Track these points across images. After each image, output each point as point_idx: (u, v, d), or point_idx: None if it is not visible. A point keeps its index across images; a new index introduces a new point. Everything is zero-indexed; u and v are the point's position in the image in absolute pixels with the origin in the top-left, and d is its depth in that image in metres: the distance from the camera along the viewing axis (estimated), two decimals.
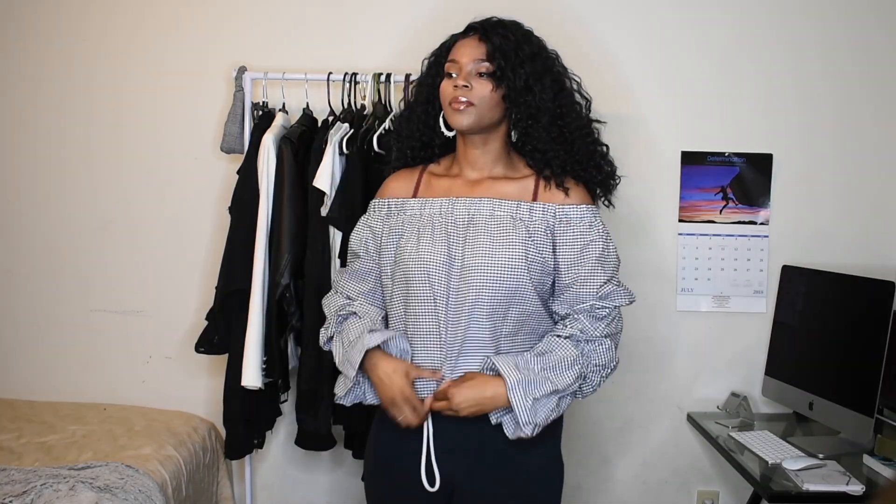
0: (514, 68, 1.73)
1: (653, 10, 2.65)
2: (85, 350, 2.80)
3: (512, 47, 1.74)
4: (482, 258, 1.70)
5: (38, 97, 2.77)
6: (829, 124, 2.66)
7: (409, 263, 1.74)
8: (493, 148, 1.80)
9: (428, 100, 1.84)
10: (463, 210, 1.76)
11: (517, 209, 1.75)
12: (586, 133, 1.83)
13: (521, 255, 1.70)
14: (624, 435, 2.75)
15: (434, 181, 1.85)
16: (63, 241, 2.79)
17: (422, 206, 1.80)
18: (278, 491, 2.78)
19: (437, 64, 1.83)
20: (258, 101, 2.54)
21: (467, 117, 1.73)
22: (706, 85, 2.66)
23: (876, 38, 2.64)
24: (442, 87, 1.77)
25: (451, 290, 1.71)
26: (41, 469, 2.18)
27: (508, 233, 1.72)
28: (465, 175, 1.82)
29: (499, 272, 1.69)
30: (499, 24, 1.78)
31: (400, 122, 1.92)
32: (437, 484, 1.73)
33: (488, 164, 1.81)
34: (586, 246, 1.74)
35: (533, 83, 1.74)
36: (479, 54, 1.74)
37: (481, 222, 1.74)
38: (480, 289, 1.69)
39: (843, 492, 2.04)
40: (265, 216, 2.38)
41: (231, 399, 2.45)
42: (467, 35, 1.79)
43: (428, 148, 1.87)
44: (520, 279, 1.70)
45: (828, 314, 2.47)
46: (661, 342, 2.71)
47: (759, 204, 2.67)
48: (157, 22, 2.71)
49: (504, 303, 1.70)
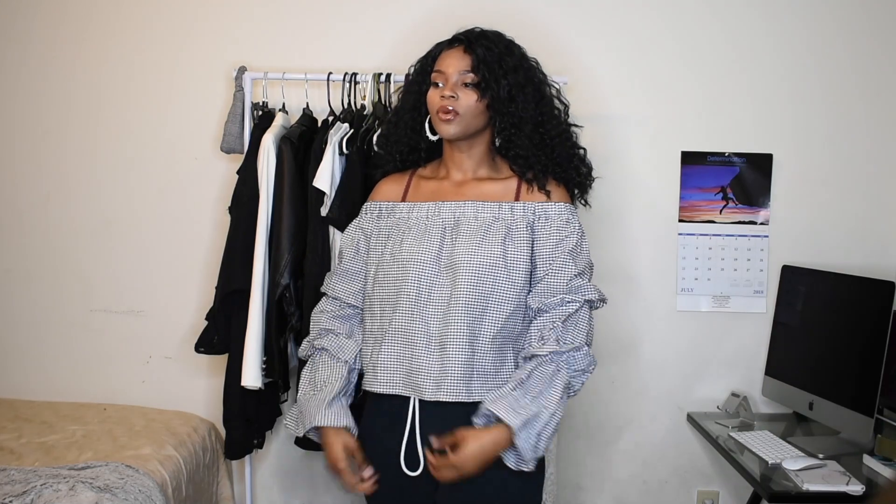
0: (498, 79, 1.82)
1: (653, 10, 2.65)
2: (85, 350, 2.80)
3: (495, 58, 1.83)
4: (464, 258, 1.78)
5: (38, 97, 2.76)
6: (829, 124, 2.67)
7: (392, 264, 1.83)
8: (477, 152, 1.90)
9: (415, 106, 1.93)
10: (448, 213, 1.85)
11: (499, 210, 1.84)
12: (566, 137, 1.93)
13: (500, 253, 1.78)
14: (624, 435, 2.75)
15: (422, 184, 1.94)
16: (63, 241, 2.79)
17: (410, 210, 1.89)
18: (278, 491, 2.78)
19: (423, 72, 1.91)
20: (258, 101, 2.54)
21: (454, 126, 1.82)
22: (706, 85, 2.67)
23: (876, 39, 2.64)
24: (429, 96, 1.86)
25: (433, 291, 1.79)
26: (41, 469, 2.17)
27: (491, 233, 1.80)
28: (452, 177, 1.91)
29: (478, 271, 1.77)
30: (482, 36, 1.87)
31: (388, 127, 2.01)
32: (419, 468, 1.78)
33: (473, 167, 1.90)
34: (561, 240, 1.82)
35: (516, 93, 1.84)
36: (464, 65, 1.83)
37: (465, 224, 1.83)
38: (460, 288, 1.76)
39: (843, 492, 2.05)
40: (265, 216, 2.38)
41: (231, 399, 2.45)
42: (452, 46, 1.88)
43: (415, 151, 1.96)
44: (498, 278, 1.77)
45: (828, 314, 2.47)
46: (661, 342, 2.71)
47: (759, 204, 2.67)
48: (157, 22, 2.71)
49: (482, 301, 1.77)
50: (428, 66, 1.90)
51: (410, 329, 1.79)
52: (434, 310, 1.78)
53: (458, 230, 1.82)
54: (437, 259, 1.81)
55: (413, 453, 1.79)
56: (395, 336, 1.80)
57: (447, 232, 1.83)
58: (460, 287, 1.77)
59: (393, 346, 1.80)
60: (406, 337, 1.79)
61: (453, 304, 1.76)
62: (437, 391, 1.75)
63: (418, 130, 1.94)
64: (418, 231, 1.84)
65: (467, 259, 1.78)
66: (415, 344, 1.78)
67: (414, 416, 1.79)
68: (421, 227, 1.85)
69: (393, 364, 1.80)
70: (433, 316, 1.78)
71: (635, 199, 2.69)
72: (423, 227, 1.85)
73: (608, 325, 2.68)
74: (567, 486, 2.74)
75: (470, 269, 1.77)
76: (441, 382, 1.75)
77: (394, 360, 1.80)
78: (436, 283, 1.79)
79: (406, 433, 1.79)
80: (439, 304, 1.78)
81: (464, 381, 1.75)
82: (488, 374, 1.77)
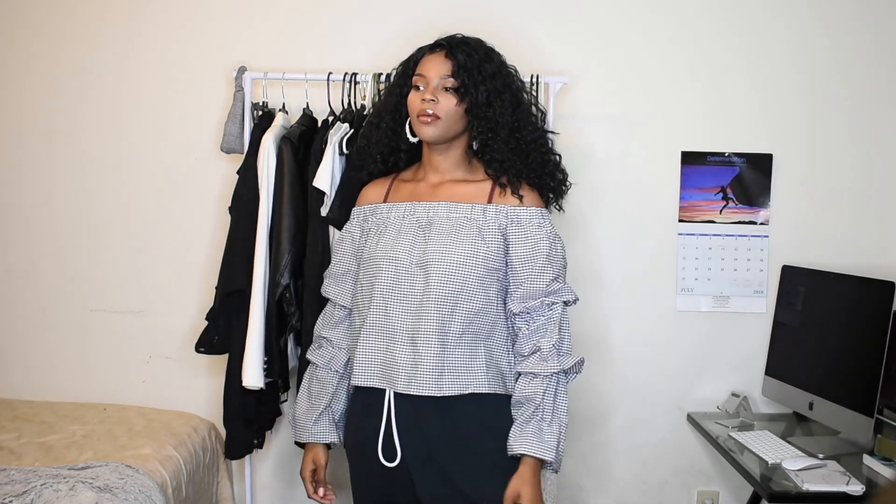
0: (477, 84, 1.89)
1: (653, 10, 2.65)
2: (85, 350, 2.80)
3: (475, 65, 1.89)
4: (435, 255, 1.85)
5: (38, 97, 2.76)
6: (829, 124, 2.67)
7: (370, 261, 1.92)
8: (454, 154, 1.96)
9: (396, 108, 1.99)
10: (422, 213, 1.93)
11: (471, 211, 1.90)
12: (541, 144, 1.99)
13: (470, 252, 1.85)
14: (624, 435, 2.75)
15: (402, 186, 2.02)
16: (63, 241, 2.79)
17: (389, 210, 1.98)
18: (278, 491, 2.78)
19: (404, 75, 1.98)
20: (258, 101, 2.54)
21: (433, 129, 1.89)
22: (706, 85, 2.67)
23: (876, 39, 2.64)
24: (410, 98, 1.93)
25: (405, 287, 1.87)
26: (41, 469, 2.17)
27: (461, 232, 1.88)
28: (429, 179, 1.98)
29: (449, 268, 1.84)
30: (463, 42, 1.94)
31: (370, 129, 2.07)
32: (397, 460, 1.86)
33: (450, 169, 1.97)
34: (535, 245, 1.89)
35: (493, 99, 1.90)
36: (445, 70, 1.89)
37: (437, 223, 1.90)
38: (431, 285, 1.84)
39: (843, 492, 2.04)
40: (265, 216, 2.38)
41: (231, 399, 2.45)
42: (434, 51, 1.94)
43: (395, 153, 2.03)
44: (468, 276, 1.84)
45: (828, 314, 2.47)
46: (661, 342, 2.71)
47: (759, 204, 2.67)
48: (158, 22, 2.71)
49: (452, 298, 1.84)
50: (410, 69, 1.96)
51: (385, 323, 1.87)
52: (406, 305, 1.86)
53: (430, 229, 1.90)
54: (410, 256, 1.88)
55: (390, 445, 1.86)
56: (371, 330, 1.89)
57: (421, 230, 1.90)
58: (431, 284, 1.84)
59: (369, 339, 1.89)
60: (381, 331, 1.88)
61: (425, 301, 1.84)
62: (409, 385, 1.83)
63: (399, 132, 2.00)
64: (394, 230, 1.93)
65: (438, 257, 1.85)
66: (389, 338, 1.87)
67: (389, 408, 1.86)
68: (396, 226, 1.93)
69: (369, 357, 1.88)
70: (405, 311, 1.86)
71: (635, 198, 2.69)
72: (398, 226, 1.93)
73: (608, 324, 2.69)
74: (567, 486, 2.74)
75: (441, 267, 1.84)
76: (412, 376, 1.83)
77: (370, 353, 1.88)
78: (408, 279, 1.87)
79: (383, 425, 1.86)
80: (412, 300, 1.86)
81: (434, 374, 1.82)
82: (458, 369, 1.84)
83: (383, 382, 1.87)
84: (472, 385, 1.85)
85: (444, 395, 1.83)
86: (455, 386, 1.83)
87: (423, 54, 1.96)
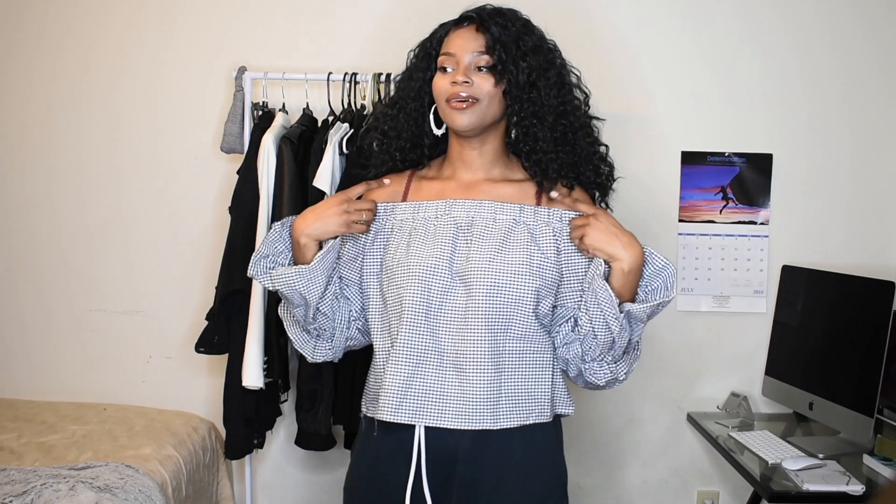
0: (516, 62, 1.58)
1: (652, 10, 2.65)
2: (85, 350, 2.80)
3: (512, 38, 1.59)
4: (484, 264, 1.55)
5: (38, 97, 2.76)
6: (829, 124, 2.66)
7: (397, 270, 1.59)
8: (490, 148, 1.66)
9: (418, 96, 1.68)
10: (462, 213, 1.61)
11: (521, 212, 1.61)
12: (587, 133, 1.68)
13: (524, 260, 1.56)
14: (624, 434, 2.75)
15: (424, 184, 1.70)
16: (63, 241, 2.79)
17: (414, 210, 1.65)
18: (278, 491, 2.78)
19: (427, 57, 1.67)
20: (258, 101, 2.54)
21: (469, 116, 1.58)
22: (706, 85, 2.67)
23: (876, 39, 2.64)
24: (436, 82, 1.62)
25: (446, 300, 1.56)
26: (41, 469, 2.17)
27: (511, 237, 1.58)
28: (459, 177, 1.67)
29: (502, 279, 1.54)
30: (496, 13, 1.62)
31: (385, 121, 1.73)
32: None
33: (486, 166, 1.66)
34: None
35: (537, 78, 1.59)
36: (477, 46, 1.59)
37: (482, 226, 1.59)
38: (481, 298, 1.54)
39: (843, 492, 2.04)
40: (265, 216, 2.38)
41: (231, 399, 2.45)
42: (462, 25, 1.63)
43: (417, 148, 1.71)
44: (523, 288, 1.55)
45: (828, 314, 2.47)
46: (661, 342, 2.71)
47: (759, 204, 2.67)
48: (157, 22, 2.71)
49: (506, 315, 1.56)
50: (433, 49, 1.66)
51: (418, 347, 1.56)
52: (445, 325, 1.56)
53: (472, 232, 1.59)
54: (451, 267, 1.57)
55: (419, 494, 1.56)
56: (400, 355, 1.57)
57: (462, 234, 1.59)
58: (477, 298, 1.54)
59: (399, 365, 1.57)
60: (413, 356, 1.57)
61: (471, 319, 1.54)
62: (458, 418, 1.55)
63: (421, 124, 1.68)
64: (426, 233, 1.61)
65: (485, 266, 1.55)
66: (426, 363, 1.56)
67: (420, 448, 1.56)
68: (429, 229, 1.61)
69: (401, 387, 1.56)
70: (445, 331, 1.56)
71: (635, 198, 2.68)
72: (430, 229, 1.61)
73: None
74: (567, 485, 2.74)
75: (489, 278, 1.54)
76: (461, 408, 1.55)
77: (401, 382, 1.56)
78: (448, 294, 1.56)
79: (412, 469, 1.57)
80: (452, 319, 1.56)
81: (489, 405, 1.55)
82: (520, 397, 1.58)
83: (416, 417, 1.56)
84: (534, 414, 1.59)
85: (499, 427, 1.55)
86: (515, 416, 1.57)
87: (449, 30, 1.64)
